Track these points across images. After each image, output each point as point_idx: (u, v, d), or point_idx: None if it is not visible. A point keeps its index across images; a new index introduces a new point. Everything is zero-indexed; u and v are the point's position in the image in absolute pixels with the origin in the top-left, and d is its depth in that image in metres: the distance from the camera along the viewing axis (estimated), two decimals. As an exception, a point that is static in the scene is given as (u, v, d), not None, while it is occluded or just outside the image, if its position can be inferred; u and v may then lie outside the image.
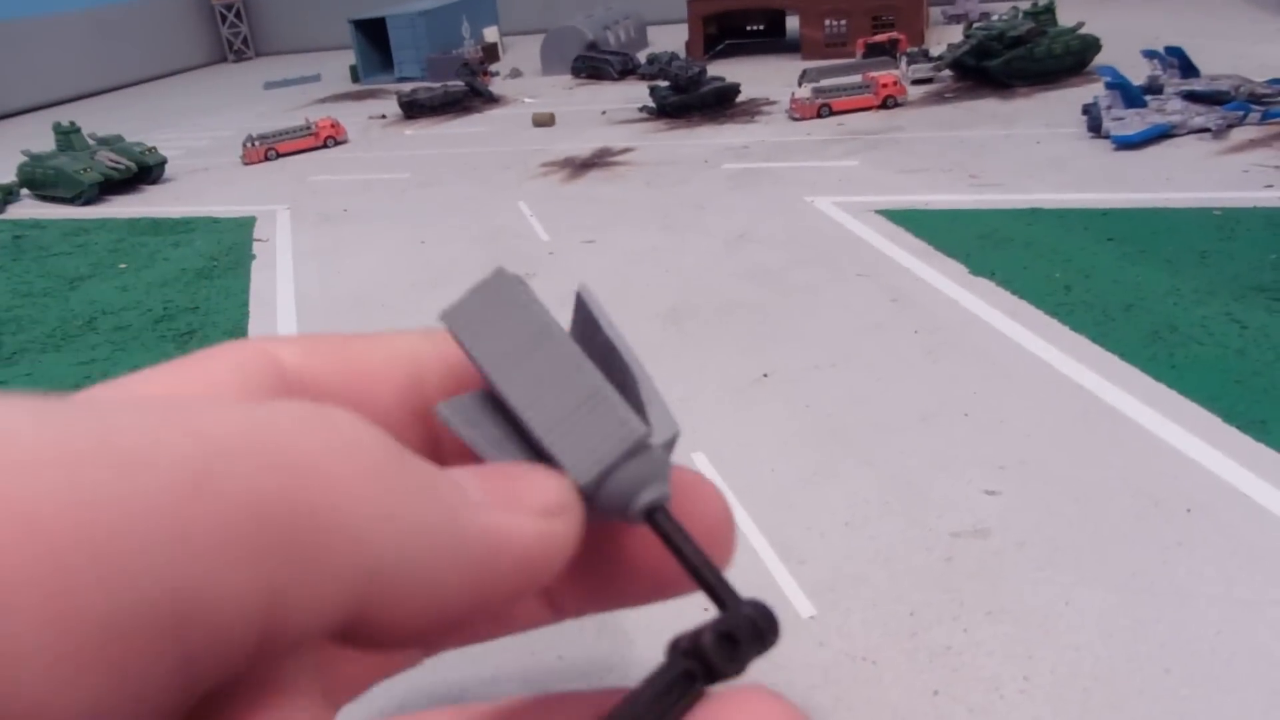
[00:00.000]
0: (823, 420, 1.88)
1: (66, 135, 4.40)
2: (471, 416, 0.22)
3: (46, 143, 4.56)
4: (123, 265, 3.39)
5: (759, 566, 1.46)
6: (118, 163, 4.30)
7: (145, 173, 4.42)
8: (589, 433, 0.21)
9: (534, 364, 0.21)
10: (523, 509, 0.19)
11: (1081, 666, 1.22)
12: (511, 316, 0.22)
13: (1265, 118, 3.28)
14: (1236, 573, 1.33)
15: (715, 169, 3.66)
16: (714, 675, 0.19)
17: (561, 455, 0.21)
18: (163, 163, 4.49)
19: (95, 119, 6.28)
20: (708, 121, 4.42)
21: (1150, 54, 3.79)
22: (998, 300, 2.29)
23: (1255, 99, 3.39)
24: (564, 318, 0.25)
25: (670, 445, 0.22)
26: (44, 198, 4.34)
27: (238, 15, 9.14)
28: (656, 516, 0.21)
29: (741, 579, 0.34)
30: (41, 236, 3.85)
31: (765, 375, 2.09)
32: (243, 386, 0.21)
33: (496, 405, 0.22)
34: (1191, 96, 3.44)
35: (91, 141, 4.49)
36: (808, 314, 2.36)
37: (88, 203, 4.21)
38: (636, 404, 0.22)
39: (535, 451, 0.21)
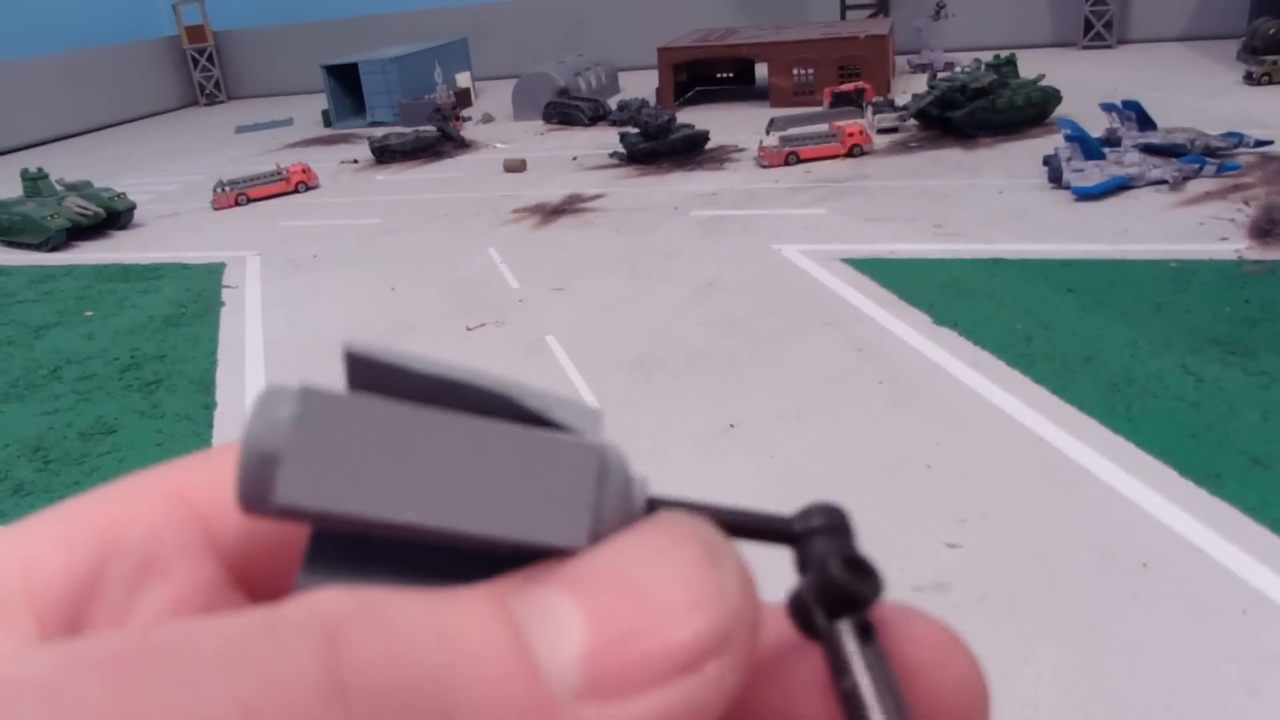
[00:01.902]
0: (787, 472, 1.90)
1: (34, 181, 4.39)
2: (347, 573, 0.17)
3: (13, 188, 4.55)
4: (89, 313, 3.38)
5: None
6: (86, 208, 4.29)
7: (114, 218, 4.41)
8: (544, 491, 0.16)
9: (417, 470, 0.16)
10: (654, 672, 0.15)
11: (1039, 723, 1.23)
12: (355, 436, 0.16)
13: (1220, 170, 3.36)
14: (1191, 628, 1.35)
15: (684, 216, 3.70)
16: (864, 604, 0.17)
17: (537, 537, 0.16)
18: (132, 208, 4.49)
19: (64, 163, 6.27)
20: (677, 168, 4.47)
21: (1108, 107, 3.88)
22: (960, 351, 2.32)
23: (1210, 152, 3.48)
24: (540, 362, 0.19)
25: (600, 424, 0.18)
26: (10, 244, 4.31)
27: (209, 59, 9.17)
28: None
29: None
30: (7, 283, 3.82)
31: (732, 426, 2.10)
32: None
33: (362, 549, 0.17)
34: (1149, 149, 3.52)
35: (59, 187, 4.48)
36: (774, 364, 2.38)
37: (55, 249, 4.19)
38: (539, 421, 0.17)
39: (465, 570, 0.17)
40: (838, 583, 0.16)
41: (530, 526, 0.16)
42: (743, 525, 0.18)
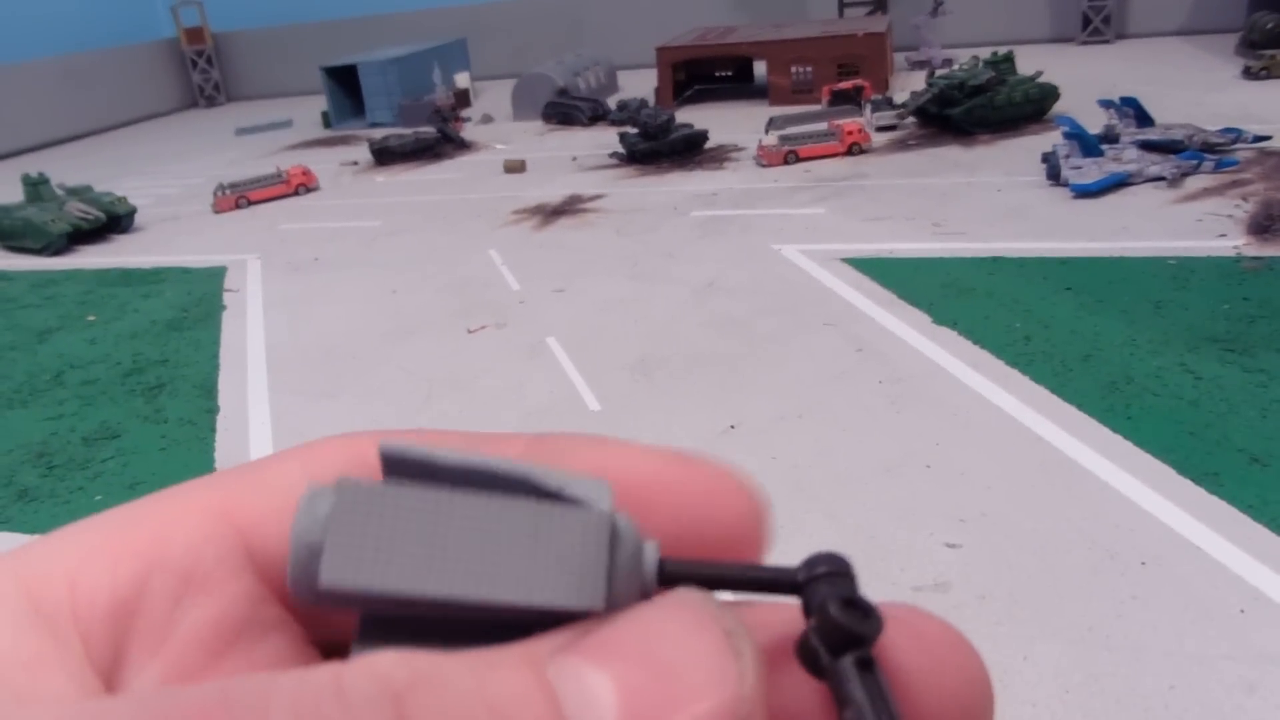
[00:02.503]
0: (788, 472, 1.91)
1: (35, 186, 4.40)
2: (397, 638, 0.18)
3: (14, 193, 4.56)
4: (91, 317, 3.39)
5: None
6: (87, 213, 4.30)
7: (115, 222, 4.42)
8: (561, 559, 0.18)
9: (445, 546, 0.18)
10: None
11: (1039, 723, 1.24)
12: (387, 521, 0.18)
13: (1218, 166, 3.37)
14: (1189, 627, 1.36)
15: (684, 216, 3.71)
16: (864, 642, 0.18)
17: (559, 602, 0.18)
18: (132, 212, 4.50)
19: (64, 166, 6.28)
20: (677, 168, 4.48)
21: (1106, 103, 3.89)
22: (960, 350, 2.33)
23: (1208, 148, 3.49)
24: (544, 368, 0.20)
25: (609, 495, 0.19)
26: (11, 249, 4.32)
27: (209, 61, 9.18)
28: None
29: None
30: (9, 288, 3.84)
31: (732, 426, 2.11)
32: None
33: (406, 617, 0.19)
34: (1147, 146, 3.53)
35: (60, 191, 4.49)
36: (775, 364, 2.39)
37: (56, 253, 4.20)
38: (555, 496, 0.19)
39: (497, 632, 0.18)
40: (838, 623, 0.17)
41: (551, 593, 0.18)
42: (751, 581, 0.19)
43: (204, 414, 2.54)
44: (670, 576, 0.19)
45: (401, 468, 0.19)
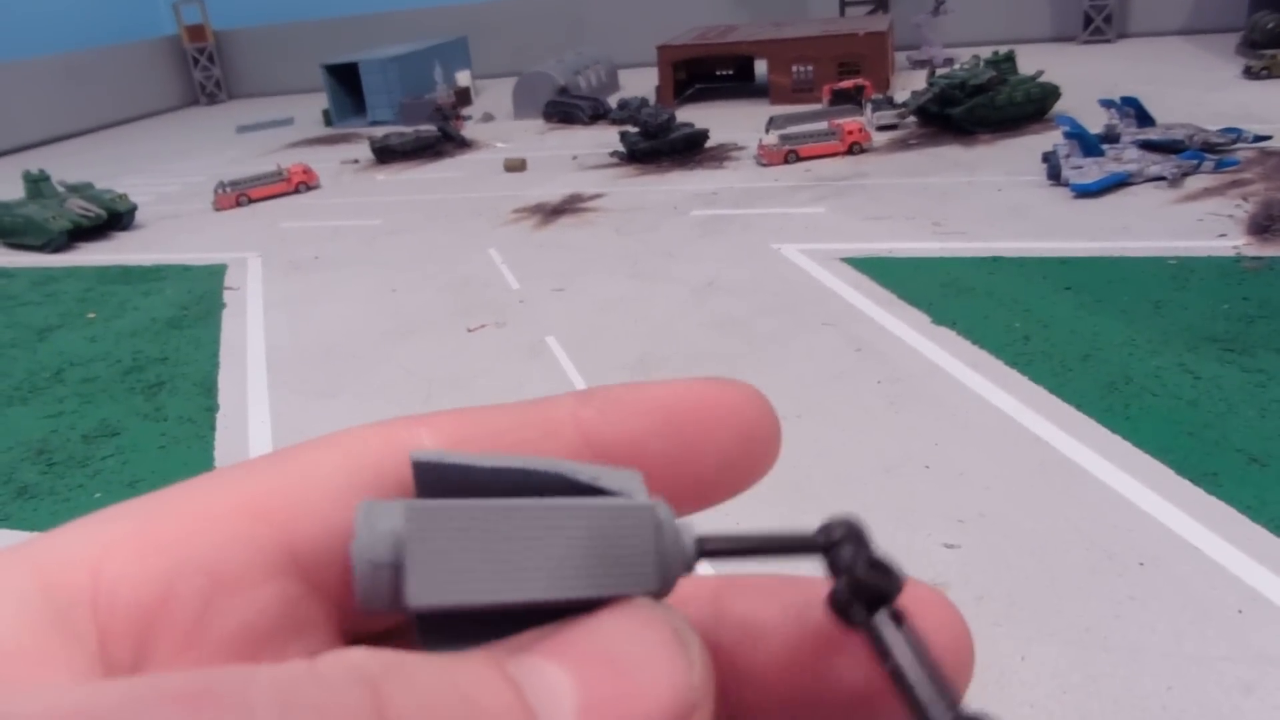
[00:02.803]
0: (787, 472, 1.91)
1: (36, 183, 4.40)
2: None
3: (15, 190, 4.56)
4: (92, 315, 3.39)
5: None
6: (88, 210, 4.31)
7: (115, 219, 4.42)
8: (614, 550, 0.19)
9: (512, 554, 0.19)
10: None
11: (1037, 723, 1.24)
12: (456, 537, 0.19)
13: (1219, 166, 3.37)
14: (1187, 627, 1.36)
15: (684, 215, 3.71)
16: (891, 597, 0.19)
17: (619, 590, 0.19)
18: (133, 209, 4.50)
19: (65, 163, 6.28)
20: (677, 167, 4.48)
21: (1107, 103, 3.88)
22: (959, 350, 2.33)
23: (1209, 148, 3.48)
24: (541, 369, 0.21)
25: (641, 484, 0.21)
26: (12, 246, 4.33)
27: (210, 58, 9.18)
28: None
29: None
30: (9, 286, 3.84)
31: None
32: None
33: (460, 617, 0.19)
34: (1147, 145, 3.53)
35: (61, 188, 4.49)
36: (774, 364, 2.39)
37: (57, 250, 4.20)
38: (593, 490, 0.20)
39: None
40: (868, 582, 0.19)
41: (611, 583, 0.19)
42: (777, 545, 0.21)
43: (204, 412, 2.54)
44: (707, 550, 0.20)
45: (434, 477, 0.20)
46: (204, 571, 0.19)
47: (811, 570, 0.21)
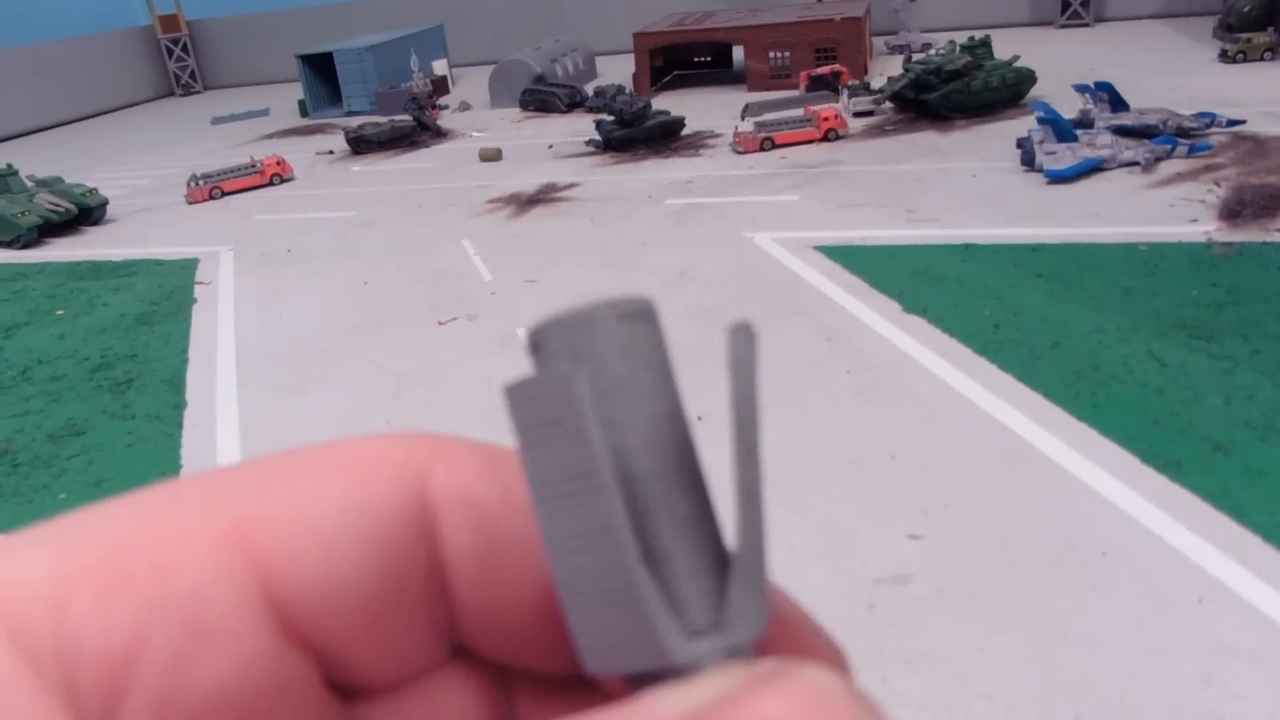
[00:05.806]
0: (755, 465, 1.90)
1: (4, 178, 4.35)
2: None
3: (-16, 184, 4.51)
4: (60, 311, 3.35)
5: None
6: (57, 205, 4.26)
7: (86, 214, 4.38)
8: (615, 624, 0.17)
9: (573, 508, 0.17)
10: None
11: (994, 717, 1.24)
12: (563, 425, 0.16)
13: (1192, 151, 3.37)
14: (1147, 618, 1.36)
15: (658, 204, 3.69)
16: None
17: (580, 635, 0.17)
18: (104, 204, 4.45)
19: (35, 157, 6.22)
20: (653, 155, 4.45)
21: (1081, 88, 3.88)
22: (929, 339, 2.32)
23: (1182, 133, 3.48)
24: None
25: (748, 644, 0.18)
26: (-19, 241, 4.28)
27: (184, 49, 9.09)
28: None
29: None
30: (-22, 282, 3.80)
31: (700, 418, 2.10)
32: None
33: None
34: (1121, 131, 3.52)
35: (30, 183, 4.44)
36: (744, 355, 2.38)
37: (26, 246, 4.16)
38: (701, 585, 0.18)
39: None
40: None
41: (583, 621, 0.18)
42: None
43: (171, 410, 2.52)
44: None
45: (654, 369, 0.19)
46: (181, 620, 0.17)
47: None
